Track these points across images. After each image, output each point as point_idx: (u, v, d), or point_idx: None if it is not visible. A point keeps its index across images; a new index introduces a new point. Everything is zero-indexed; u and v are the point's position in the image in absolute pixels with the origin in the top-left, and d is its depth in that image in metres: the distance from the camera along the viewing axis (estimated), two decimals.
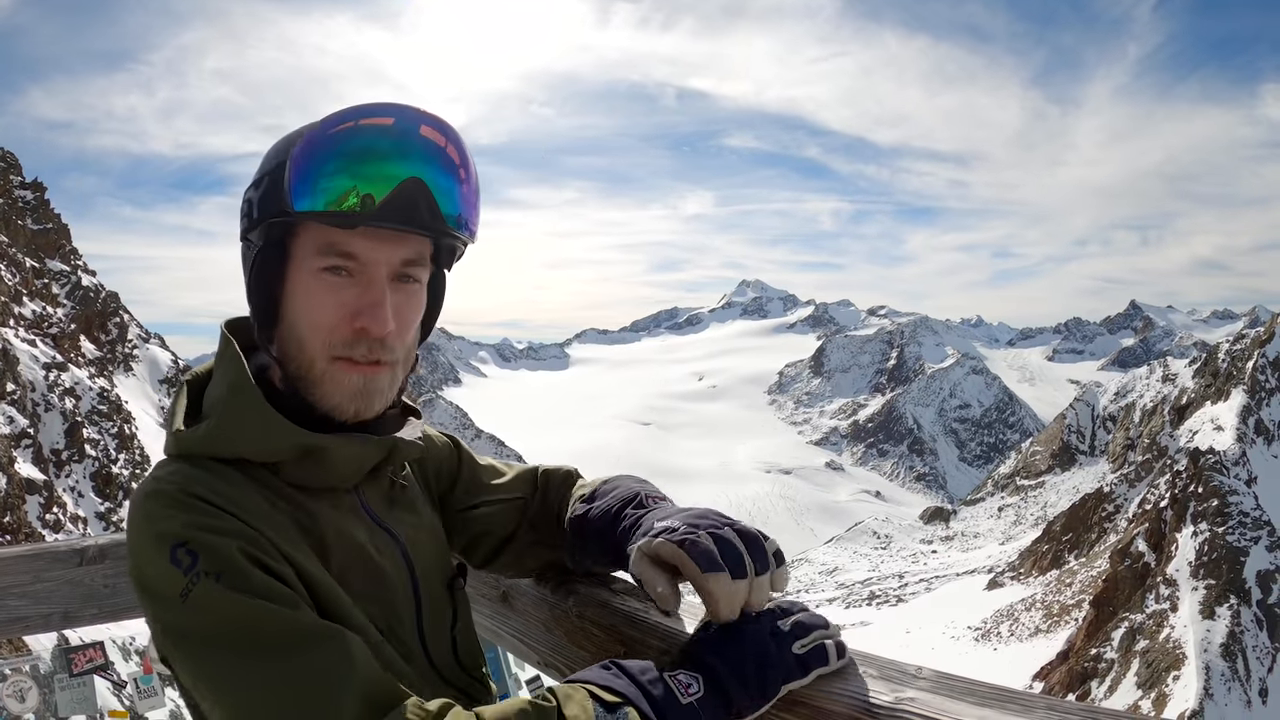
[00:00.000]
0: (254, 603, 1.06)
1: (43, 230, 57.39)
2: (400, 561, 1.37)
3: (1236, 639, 53.35)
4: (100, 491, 43.00)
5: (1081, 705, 1.03)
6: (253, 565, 1.10)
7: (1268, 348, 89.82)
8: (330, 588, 1.19)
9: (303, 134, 1.20)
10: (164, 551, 1.09)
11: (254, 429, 1.23)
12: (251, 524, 1.14)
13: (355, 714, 1.02)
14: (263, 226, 1.23)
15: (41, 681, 2.33)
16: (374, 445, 1.31)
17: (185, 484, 1.17)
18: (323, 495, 1.30)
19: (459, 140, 1.25)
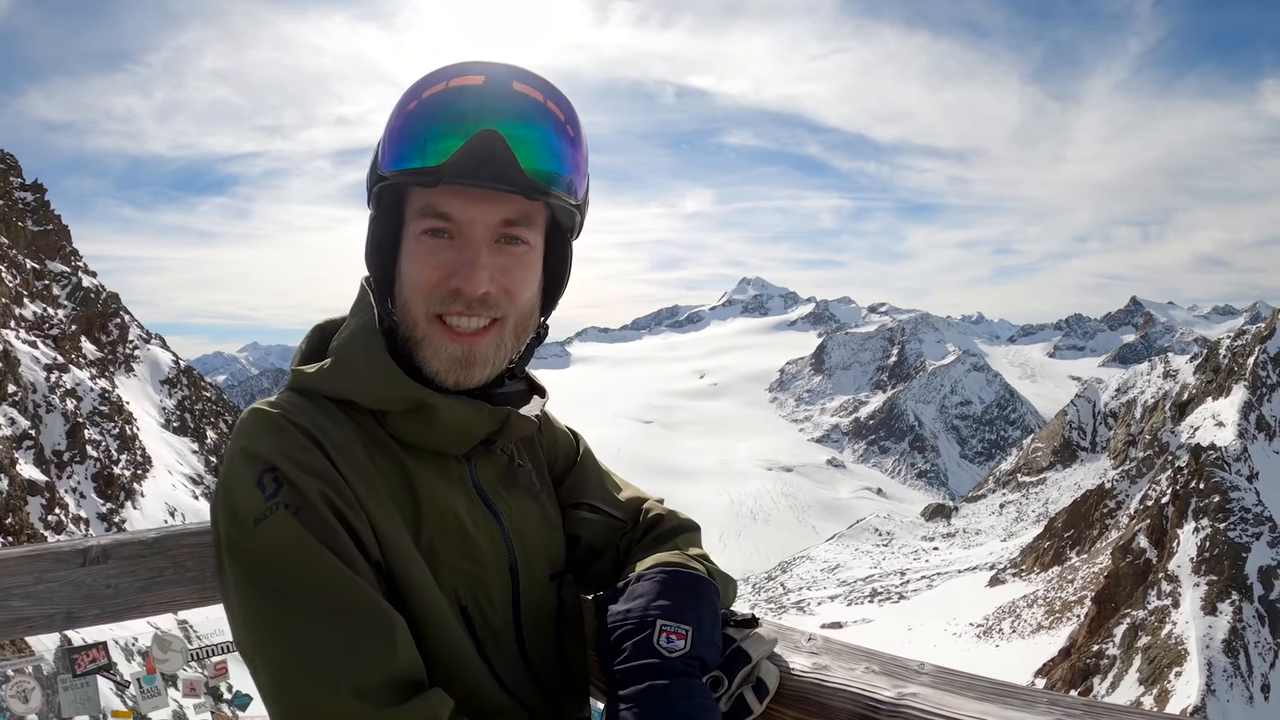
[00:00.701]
0: (318, 549, 1.09)
1: (43, 232, 57.39)
2: (500, 541, 1.35)
3: (1238, 635, 53.32)
4: (102, 492, 43.02)
5: (1083, 700, 1.04)
6: (330, 511, 1.13)
7: (1269, 343, 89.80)
8: (404, 551, 1.19)
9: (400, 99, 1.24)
10: (253, 471, 1.13)
11: (369, 373, 1.25)
12: (342, 469, 1.17)
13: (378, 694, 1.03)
14: (374, 194, 1.27)
15: (45, 682, 2.34)
16: (486, 414, 1.29)
17: (290, 411, 1.21)
18: (428, 458, 1.30)
19: (560, 98, 1.25)
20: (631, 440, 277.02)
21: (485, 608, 1.30)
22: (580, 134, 1.29)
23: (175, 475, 51.32)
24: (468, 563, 1.29)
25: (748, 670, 1.24)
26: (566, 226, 1.37)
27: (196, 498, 49.97)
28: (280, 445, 1.15)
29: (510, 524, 1.37)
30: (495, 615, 1.32)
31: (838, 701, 1.18)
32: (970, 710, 1.06)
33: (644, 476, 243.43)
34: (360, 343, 1.29)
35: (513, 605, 1.35)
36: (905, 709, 1.10)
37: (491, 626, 1.30)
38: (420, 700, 1.06)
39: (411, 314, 1.27)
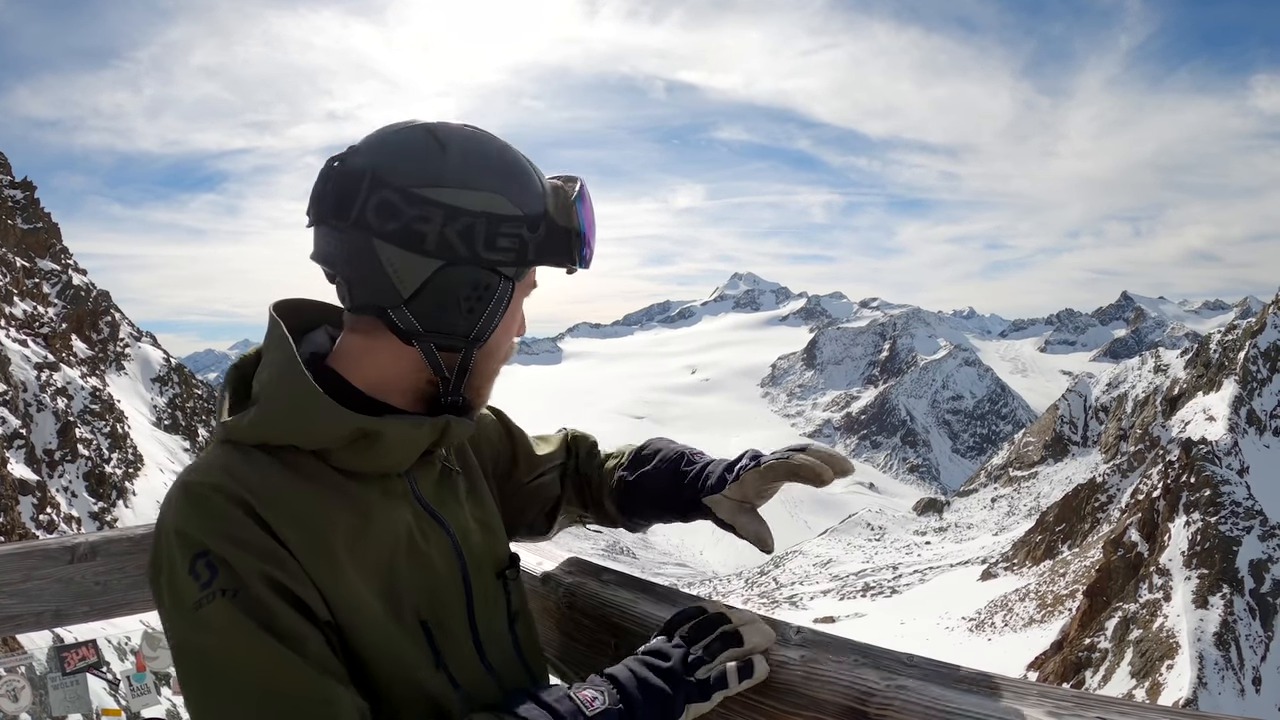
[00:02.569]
0: (254, 633, 1.07)
1: (33, 230, 57.20)
2: (449, 550, 1.37)
3: (1230, 628, 53.57)
4: (93, 491, 42.95)
5: (1073, 692, 1.04)
6: (272, 592, 1.10)
7: (1259, 338, 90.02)
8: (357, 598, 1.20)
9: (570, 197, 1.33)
10: (186, 557, 1.10)
11: (305, 413, 1.22)
12: (281, 534, 1.15)
13: None
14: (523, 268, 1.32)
15: (36, 681, 2.33)
16: (427, 427, 1.30)
17: (222, 480, 1.16)
18: (373, 481, 1.30)
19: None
20: (623, 436, 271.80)
21: (444, 618, 1.32)
22: None
23: (167, 474, 51.16)
24: (424, 577, 1.31)
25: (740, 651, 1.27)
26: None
27: None
28: (211, 524, 1.12)
29: (457, 530, 1.40)
30: (453, 624, 1.33)
31: (827, 694, 1.17)
32: (961, 703, 1.06)
33: None
34: (288, 381, 1.24)
35: (467, 611, 1.37)
36: (895, 701, 1.10)
37: (450, 635, 1.32)
38: None
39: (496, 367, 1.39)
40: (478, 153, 1.26)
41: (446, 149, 1.23)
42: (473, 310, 1.27)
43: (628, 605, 1.55)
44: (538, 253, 1.29)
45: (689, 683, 1.23)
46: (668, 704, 1.21)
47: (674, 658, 1.25)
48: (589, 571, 1.75)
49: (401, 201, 1.19)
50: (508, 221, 1.26)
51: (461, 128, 1.27)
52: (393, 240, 1.20)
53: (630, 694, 1.19)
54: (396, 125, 1.26)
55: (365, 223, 1.20)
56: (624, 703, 1.18)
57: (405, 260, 1.21)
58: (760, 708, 1.25)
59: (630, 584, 1.64)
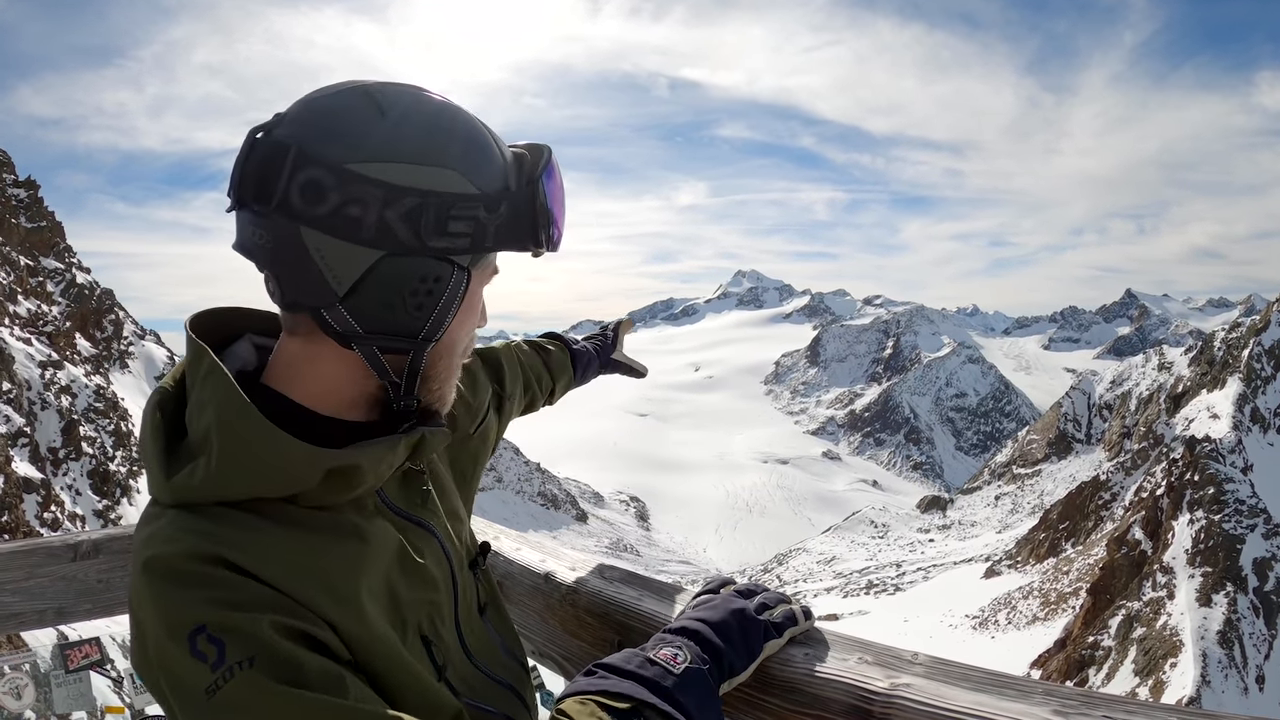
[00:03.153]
0: (292, 696, 0.89)
1: (36, 228, 57.26)
2: (439, 553, 1.25)
3: (1233, 626, 53.53)
4: (98, 489, 42.97)
5: (1079, 690, 1.02)
6: (290, 641, 0.93)
7: (1263, 335, 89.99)
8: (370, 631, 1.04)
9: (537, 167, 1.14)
10: (181, 643, 0.91)
11: (269, 461, 1.02)
12: (278, 584, 0.97)
13: None
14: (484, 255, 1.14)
15: (40, 679, 2.33)
16: (402, 446, 1.14)
17: (192, 544, 0.97)
18: (349, 508, 1.13)
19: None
20: (627, 434, 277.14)
21: (440, 628, 1.21)
22: None
23: None
24: (423, 590, 1.19)
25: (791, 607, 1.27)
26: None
27: None
28: (199, 597, 0.93)
29: (440, 531, 1.28)
30: (446, 630, 1.23)
31: (830, 692, 1.16)
32: (965, 701, 1.05)
33: (640, 469, 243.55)
34: (239, 426, 1.02)
35: (453, 611, 1.27)
36: (899, 700, 1.09)
37: (446, 644, 1.22)
38: None
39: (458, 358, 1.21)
40: (426, 119, 1.05)
41: (386, 115, 1.03)
42: (421, 306, 1.07)
43: (632, 603, 1.55)
44: (498, 237, 1.09)
45: (762, 620, 1.21)
46: (749, 642, 1.17)
47: (740, 600, 1.23)
48: (592, 569, 1.74)
49: (332, 180, 0.99)
50: (461, 201, 1.05)
51: (407, 89, 1.07)
52: (323, 227, 0.99)
53: (710, 640, 1.14)
54: (331, 87, 1.06)
55: (290, 207, 1.00)
56: (707, 651, 1.13)
57: (339, 251, 1.01)
58: (764, 706, 1.23)
59: (634, 581, 1.64)
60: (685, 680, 1.07)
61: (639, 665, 1.08)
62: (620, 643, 1.52)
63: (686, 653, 1.11)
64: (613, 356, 2.33)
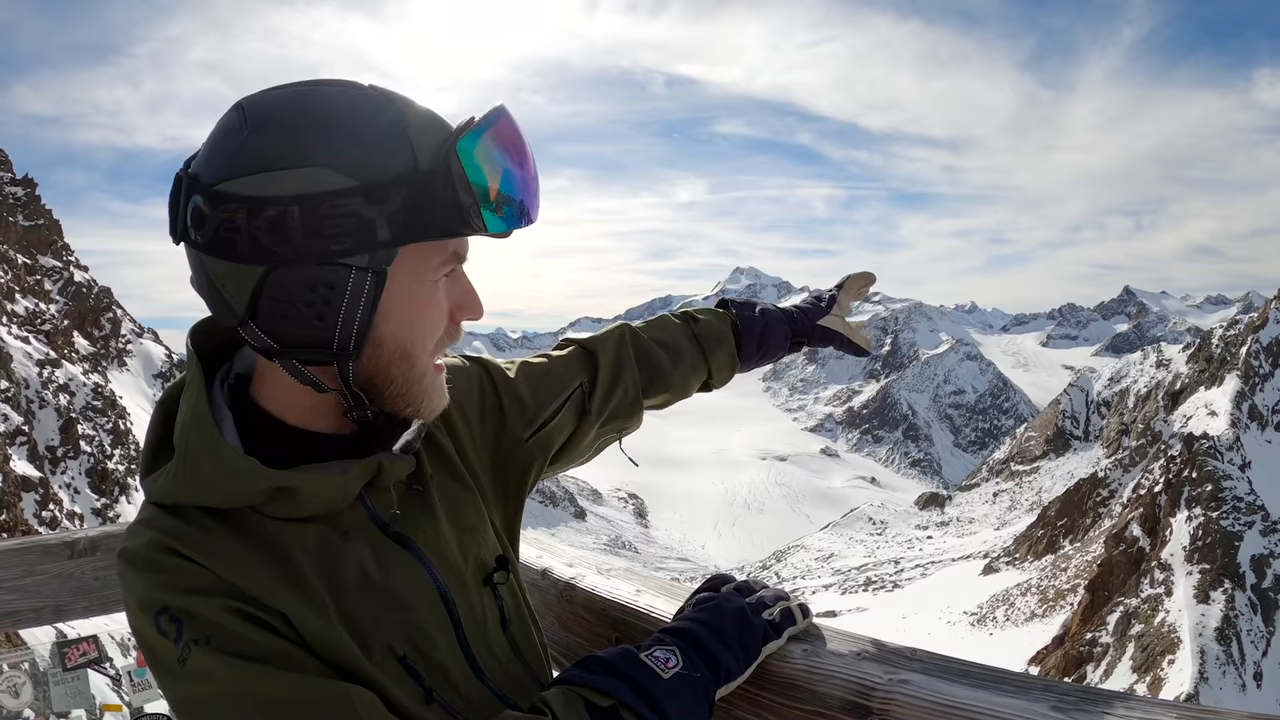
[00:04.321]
0: (249, 666, 0.98)
1: (34, 226, 57.19)
2: (422, 574, 1.20)
3: (1231, 623, 53.62)
4: (96, 487, 42.94)
5: (1078, 686, 1.02)
6: (240, 621, 1.01)
7: (1261, 333, 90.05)
8: (321, 634, 1.06)
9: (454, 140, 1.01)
10: (149, 621, 1.01)
11: (212, 473, 1.07)
12: (232, 577, 1.03)
13: None
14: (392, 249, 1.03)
15: (39, 677, 2.33)
16: (353, 475, 1.11)
17: (153, 537, 1.06)
18: (318, 521, 1.13)
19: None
20: None
21: (426, 649, 1.17)
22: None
23: None
24: (394, 612, 1.15)
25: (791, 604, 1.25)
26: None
27: None
28: (160, 582, 1.02)
29: (429, 549, 1.22)
30: (440, 652, 1.18)
31: (829, 688, 1.15)
32: (964, 697, 1.03)
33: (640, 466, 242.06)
34: (196, 434, 1.08)
35: (455, 632, 1.22)
36: (898, 696, 1.07)
37: (438, 665, 1.17)
38: None
39: (417, 367, 1.11)
40: (285, 120, 0.99)
41: (248, 126, 0.99)
42: (323, 316, 1.02)
43: (629, 599, 1.53)
44: (401, 228, 1.00)
45: (760, 622, 1.19)
46: (746, 646, 1.16)
47: (739, 601, 1.20)
48: (589, 565, 1.74)
49: (206, 204, 0.98)
50: (330, 199, 0.98)
51: (288, 89, 1.03)
52: (210, 251, 0.99)
53: (705, 644, 1.13)
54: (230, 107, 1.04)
55: (187, 236, 1.01)
56: (701, 655, 1.12)
57: (227, 272, 1.00)
58: (762, 702, 1.22)
59: (631, 577, 1.63)
60: (672, 686, 1.06)
61: (629, 664, 1.08)
62: (618, 639, 1.51)
63: (679, 657, 1.10)
64: (821, 323, 1.90)
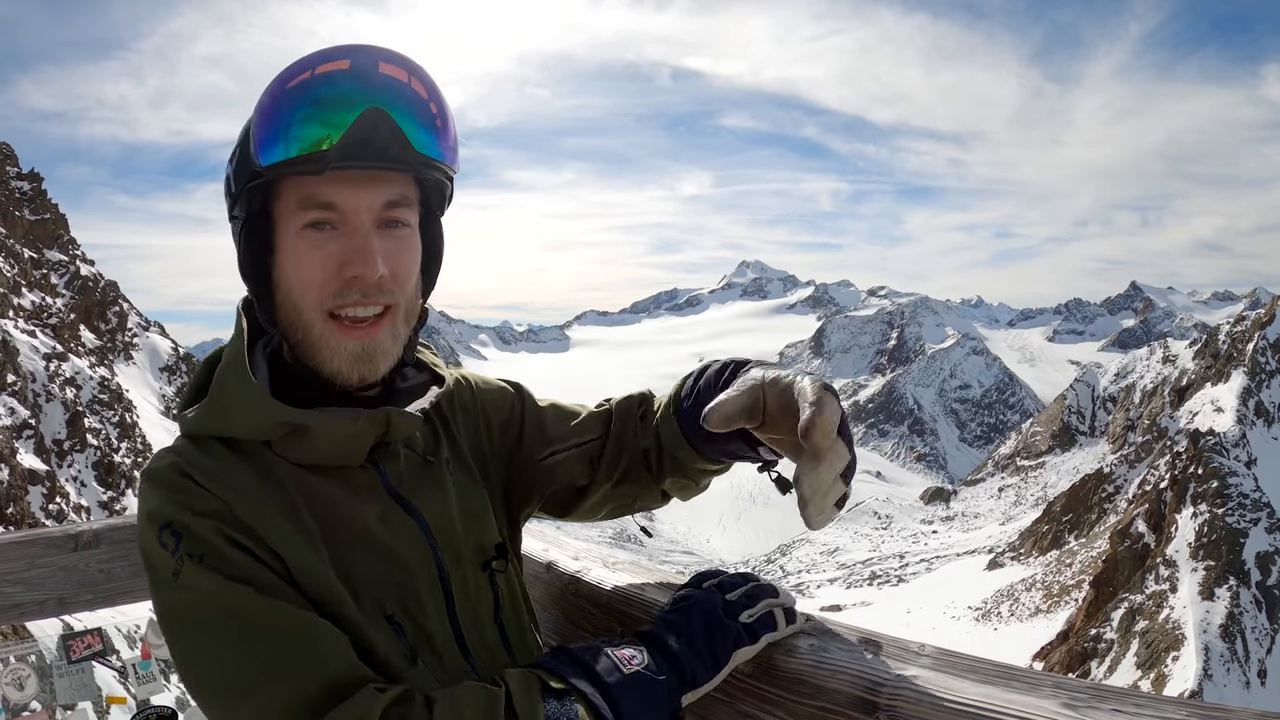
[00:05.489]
0: (233, 586, 1.08)
1: (40, 221, 57.27)
2: (422, 541, 1.29)
3: (1235, 620, 53.54)
4: (103, 480, 43.06)
5: (1088, 683, 1.01)
6: (232, 546, 1.11)
7: (1268, 330, 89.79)
8: (313, 574, 1.16)
9: (264, 93, 1.17)
10: (154, 531, 1.12)
11: (238, 406, 1.20)
12: (234, 505, 1.15)
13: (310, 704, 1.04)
14: (243, 196, 1.21)
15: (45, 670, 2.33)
16: (363, 423, 1.22)
17: (172, 460, 1.19)
18: (332, 473, 1.24)
19: (423, 74, 1.21)
20: None
21: (416, 614, 1.26)
22: (446, 109, 1.23)
23: None
24: (389, 571, 1.25)
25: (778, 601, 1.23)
26: (437, 205, 1.34)
27: None
28: (171, 499, 1.15)
29: (432, 520, 1.32)
30: (428, 618, 1.27)
31: (835, 683, 1.14)
32: (972, 693, 1.03)
33: None
34: (230, 375, 1.22)
35: (446, 605, 1.30)
36: (905, 691, 1.07)
37: (425, 631, 1.26)
38: (346, 705, 1.05)
39: (303, 317, 1.21)
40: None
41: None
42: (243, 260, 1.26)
43: (634, 593, 1.53)
44: (236, 178, 1.22)
45: (734, 625, 1.18)
46: (715, 652, 1.16)
47: (713, 602, 1.20)
48: (594, 559, 1.73)
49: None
50: (227, 165, 1.25)
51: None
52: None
53: (671, 649, 1.14)
54: None
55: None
56: (667, 659, 1.13)
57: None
58: (767, 696, 1.22)
59: (637, 571, 1.63)
60: (631, 683, 1.09)
61: (592, 655, 1.12)
62: (623, 633, 1.51)
63: (645, 656, 1.12)
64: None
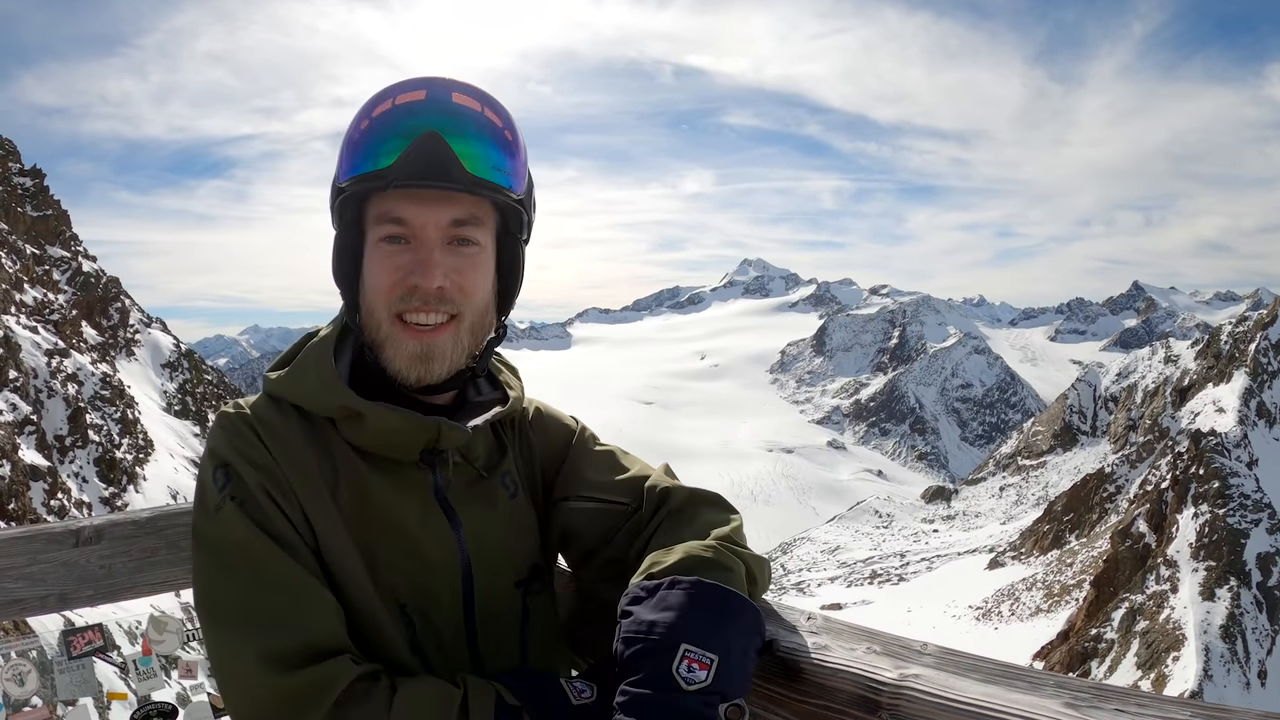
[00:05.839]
0: (258, 535, 1.24)
1: (42, 217, 57.29)
2: (453, 547, 1.39)
3: (1236, 621, 53.49)
4: (104, 477, 43.12)
5: (1090, 683, 1.02)
6: (270, 501, 1.27)
7: (1270, 330, 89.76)
8: (337, 544, 1.30)
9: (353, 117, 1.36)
10: (210, 466, 1.31)
11: (310, 382, 1.37)
12: (284, 465, 1.31)
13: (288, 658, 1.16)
14: (336, 209, 1.38)
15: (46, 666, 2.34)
16: (415, 423, 1.35)
17: (247, 414, 1.36)
18: (387, 466, 1.38)
19: (496, 105, 1.36)
20: (633, 421, 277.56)
21: (429, 610, 1.36)
22: (519, 139, 1.38)
23: (177, 458, 51.38)
24: (410, 564, 1.35)
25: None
26: (515, 228, 1.43)
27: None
28: (231, 442, 1.31)
29: (469, 530, 1.41)
30: (441, 618, 1.37)
31: (838, 682, 1.15)
32: (975, 693, 1.03)
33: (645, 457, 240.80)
34: (317, 352, 1.41)
35: (464, 610, 1.39)
36: (907, 691, 1.07)
37: (435, 627, 1.36)
38: (318, 666, 1.16)
39: (375, 317, 1.36)
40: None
41: None
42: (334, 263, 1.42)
43: None
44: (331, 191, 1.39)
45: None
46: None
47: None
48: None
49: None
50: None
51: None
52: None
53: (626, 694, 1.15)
54: None
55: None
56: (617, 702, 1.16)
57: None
58: (769, 694, 1.23)
59: None
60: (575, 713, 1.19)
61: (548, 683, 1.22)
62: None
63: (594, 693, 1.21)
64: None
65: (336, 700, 1.14)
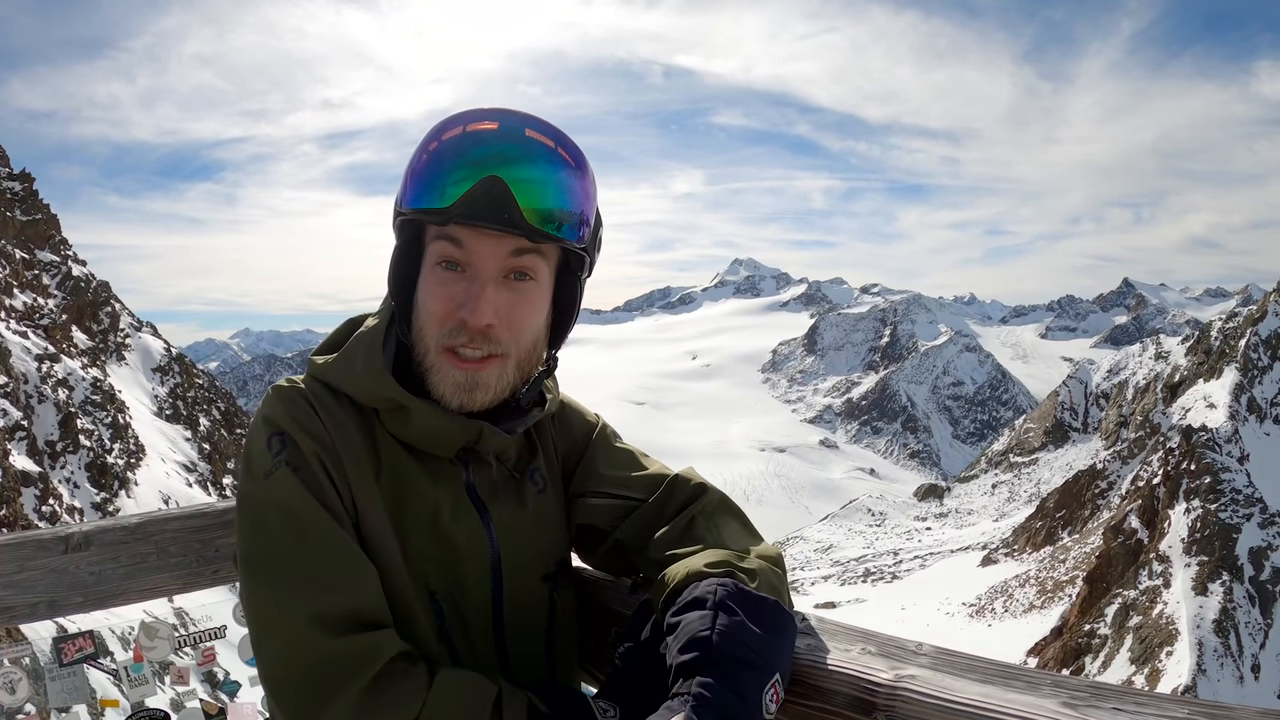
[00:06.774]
0: (309, 500, 1.26)
1: (32, 221, 57.00)
2: (483, 537, 1.41)
3: (1229, 615, 53.66)
4: (96, 482, 42.88)
5: (1088, 682, 1.01)
6: (323, 472, 1.29)
7: (1260, 325, 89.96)
8: (376, 525, 1.32)
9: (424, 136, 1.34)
10: (266, 434, 1.31)
11: (361, 371, 1.38)
12: (337, 443, 1.33)
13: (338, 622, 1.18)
14: (397, 224, 1.38)
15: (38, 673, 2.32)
16: (459, 425, 1.37)
17: (304, 390, 1.38)
18: (424, 458, 1.40)
19: (569, 144, 1.34)
20: (624, 422, 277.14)
21: (458, 598, 1.38)
22: (589, 178, 1.36)
23: (169, 463, 51.15)
24: (440, 552, 1.38)
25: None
26: (576, 267, 1.43)
27: (190, 485, 49.80)
28: (290, 412, 1.33)
29: (499, 525, 1.43)
30: (468, 607, 1.39)
31: (833, 684, 1.15)
32: (971, 693, 1.02)
33: None
34: (366, 342, 1.41)
35: (492, 601, 1.41)
36: (903, 692, 1.06)
37: (463, 616, 1.38)
38: (366, 635, 1.18)
39: (424, 341, 1.37)
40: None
41: None
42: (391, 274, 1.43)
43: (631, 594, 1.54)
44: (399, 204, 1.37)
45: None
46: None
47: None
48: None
49: None
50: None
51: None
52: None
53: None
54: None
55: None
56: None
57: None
58: None
59: None
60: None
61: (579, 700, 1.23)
62: (617, 633, 1.51)
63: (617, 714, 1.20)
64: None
65: (379, 672, 1.15)
